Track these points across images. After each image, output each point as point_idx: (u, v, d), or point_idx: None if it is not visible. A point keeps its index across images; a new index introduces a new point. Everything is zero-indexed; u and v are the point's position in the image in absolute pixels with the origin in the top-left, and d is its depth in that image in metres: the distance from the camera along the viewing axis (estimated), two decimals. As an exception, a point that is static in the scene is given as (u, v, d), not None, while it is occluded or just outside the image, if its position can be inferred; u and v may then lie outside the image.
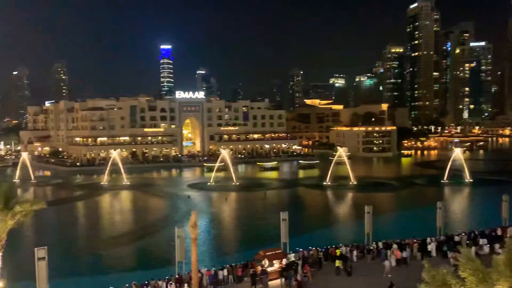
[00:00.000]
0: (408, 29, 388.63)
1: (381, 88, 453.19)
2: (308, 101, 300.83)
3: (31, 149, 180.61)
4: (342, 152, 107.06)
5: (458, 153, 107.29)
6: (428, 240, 44.17)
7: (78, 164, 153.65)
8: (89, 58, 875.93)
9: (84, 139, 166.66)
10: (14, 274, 39.08)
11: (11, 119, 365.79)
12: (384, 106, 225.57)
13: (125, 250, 55.61)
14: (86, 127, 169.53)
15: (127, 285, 36.03)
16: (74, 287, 41.96)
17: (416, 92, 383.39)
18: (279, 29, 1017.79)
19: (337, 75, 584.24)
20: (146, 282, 35.54)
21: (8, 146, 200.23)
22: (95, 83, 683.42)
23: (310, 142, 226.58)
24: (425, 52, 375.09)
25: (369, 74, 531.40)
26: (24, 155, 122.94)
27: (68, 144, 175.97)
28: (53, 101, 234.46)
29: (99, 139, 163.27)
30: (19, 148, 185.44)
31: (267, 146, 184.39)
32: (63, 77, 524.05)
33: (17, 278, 39.55)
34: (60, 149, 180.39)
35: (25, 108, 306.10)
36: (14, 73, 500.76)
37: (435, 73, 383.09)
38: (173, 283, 34.88)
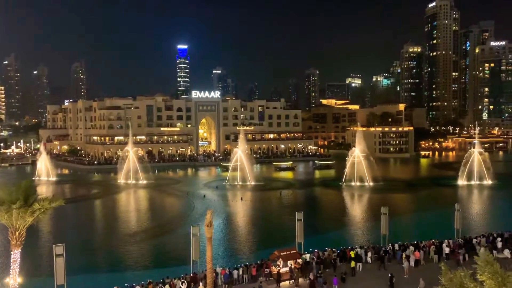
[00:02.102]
0: (426, 29, 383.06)
1: (398, 88, 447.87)
2: (324, 101, 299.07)
3: (50, 147, 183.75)
4: (358, 153, 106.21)
5: (477, 154, 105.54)
6: (445, 242, 43.56)
7: (95, 162, 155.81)
8: (107, 58, 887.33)
9: (102, 138, 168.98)
10: (32, 270, 39.89)
11: (31, 118, 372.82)
12: (401, 106, 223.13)
13: (141, 248, 56.09)
14: (103, 126, 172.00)
15: (142, 282, 36.37)
16: (91, 283, 42.48)
17: (434, 92, 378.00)
18: (295, 28, 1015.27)
19: (353, 74, 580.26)
20: (162, 280, 35.80)
21: (27, 144, 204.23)
22: (113, 83, 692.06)
23: (326, 142, 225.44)
24: (443, 52, 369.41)
25: (386, 74, 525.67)
26: (43, 154, 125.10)
27: (86, 143, 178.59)
28: (72, 100, 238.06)
29: (116, 137, 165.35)
30: (38, 146, 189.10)
31: (282, 146, 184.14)
32: (82, 76, 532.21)
33: (36, 274, 40.33)
34: (78, 148, 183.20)
35: (44, 107, 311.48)
36: (34, 72, 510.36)
37: (454, 73, 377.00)
38: (185, 282, 35.02)
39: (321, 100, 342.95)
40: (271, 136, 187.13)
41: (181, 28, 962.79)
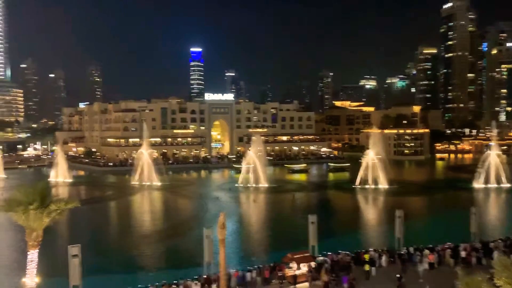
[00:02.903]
0: (442, 30, 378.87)
1: (413, 90, 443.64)
2: (338, 103, 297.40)
3: (66, 149, 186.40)
4: (372, 155, 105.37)
5: (494, 157, 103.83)
6: (461, 246, 42.91)
7: (110, 164, 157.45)
8: (122, 61, 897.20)
9: (117, 140, 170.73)
10: (49, 270, 40.42)
11: (47, 120, 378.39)
12: (416, 108, 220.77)
13: (155, 249, 56.48)
14: (118, 128, 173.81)
15: (156, 283, 36.59)
16: (105, 284, 42.90)
17: (450, 94, 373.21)
18: (309, 30, 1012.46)
19: (367, 76, 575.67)
20: (175, 282, 35.95)
21: (44, 146, 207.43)
22: (128, 85, 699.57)
23: (340, 144, 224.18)
24: (459, 53, 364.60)
25: (400, 76, 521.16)
26: (60, 155, 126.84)
27: (101, 145, 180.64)
28: (88, 102, 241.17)
29: (131, 140, 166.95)
30: (55, 148, 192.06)
31: (295, 148, 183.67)
32: (97, 79, 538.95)
33: (52, 274, 40.85)
34: (93, 150, 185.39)
35: (61, 109, 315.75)
36: (51, 75, 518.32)
37: (470, 75, 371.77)
38: (199, 283, 35.13)
39: (334, 102, 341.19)
40: (284, 138, 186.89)
41: (195, 31, 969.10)
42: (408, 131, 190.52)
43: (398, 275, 35.04)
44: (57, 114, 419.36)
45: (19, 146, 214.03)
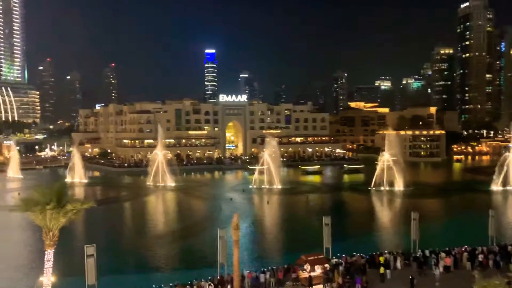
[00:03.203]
0: (459, 30, 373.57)
1: (429, 90, 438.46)
2: (352, 104, 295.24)
3: (82, 150, 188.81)
4: (387, 157, 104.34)
5: (511, 159, 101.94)
6: (479, 249, 42.22)
7: (125, 165, 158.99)
8: (137, 63, 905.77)
9: (132, 141, 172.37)
10: (65, 269, 40.96)
11: (64, 121, 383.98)
12: (433, 109, 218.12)
13: (169, 249, 56.77)
14: (133, 129, 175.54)
15: (171, 284, 36.76)
16: (120, 284, 43.25)
17: (467, 94, 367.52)
18: (323, 31, 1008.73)
19: (383, 77, 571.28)
20: (189, 282, 36.07)
21: (61, 147, 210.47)
22: (142, 87, 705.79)
23: (354, 146, 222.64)
24: (477, 53, 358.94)
25: (416, 76, 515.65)
26: (76, 156, 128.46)
27: (116, 146, 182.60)
28: (103, 104, 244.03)
29: (146, 141, 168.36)
30: (71, 149, 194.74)
31: (309, 149, 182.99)
32: (113, 81, 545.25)
33: (68, 273, 41.37)
34: (109, 151, 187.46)
35: (77, 111, 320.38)
36: (68, 77, 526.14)
37: (487, 75, 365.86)
38: (212, 284, 35.17)
39: (349, 103, 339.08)
40: (298, 139, 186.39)
41: (209, 32, 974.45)
42: (424, 132, 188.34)
43: (410, 277, 34.84)
44: (74, 115, 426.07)
45: (36, 147, 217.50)
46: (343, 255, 41.74)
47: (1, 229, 67.88)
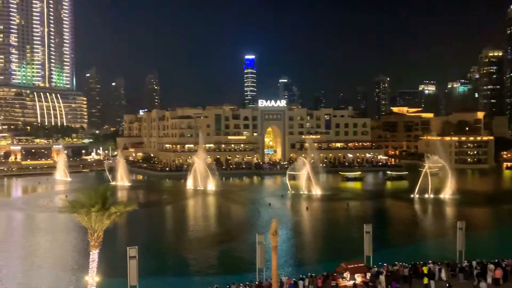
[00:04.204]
0: (508, 31, 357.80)
1: (476, 95, 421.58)
2: (395, 109, 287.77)
3: (126, 154, 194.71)
4: (432, 163, 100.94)
5: None
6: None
7: (167, 169, 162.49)
8: (179, 70, 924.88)
9: (173, 146, 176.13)
10: (108, 270, 42.16)
11: (109, 127, 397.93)
12: (480, 114, 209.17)
13: (208, 253, 57.26)
14: (175, 134, 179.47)
15: (209, 287, 37.03)
16: (161, 285, 44.07)
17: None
18: (364, 34, 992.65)
19: (427, 81, 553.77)
20: (227, 286, 36.19)
21: (106, 152, 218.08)
22: (184, 93, 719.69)
23: (397, 152, 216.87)
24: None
25: (462, 80, 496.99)
26: (120, 160, 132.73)
27: (159, 150, 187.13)
28: (146, 110, 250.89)
29: (186, 145, 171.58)
30: (116, 153, 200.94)
31: (350, 155, 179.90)
32: (155, 87, 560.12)
33: (111, 274, 42.56)
34: (151, 155, 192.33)
35: (121, 116, 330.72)
36: (113, 84, 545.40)
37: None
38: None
39: (391, 108, 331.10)
40: (338, 145, 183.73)
41: (249, 38, 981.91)
42: (471, 138, 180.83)
43: (447, 284, 33.58)
44: (118, 120, 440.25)
45: (83, 151, 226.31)
46: (385, 264, 40.59)
47: (49, 230, 71.06)
